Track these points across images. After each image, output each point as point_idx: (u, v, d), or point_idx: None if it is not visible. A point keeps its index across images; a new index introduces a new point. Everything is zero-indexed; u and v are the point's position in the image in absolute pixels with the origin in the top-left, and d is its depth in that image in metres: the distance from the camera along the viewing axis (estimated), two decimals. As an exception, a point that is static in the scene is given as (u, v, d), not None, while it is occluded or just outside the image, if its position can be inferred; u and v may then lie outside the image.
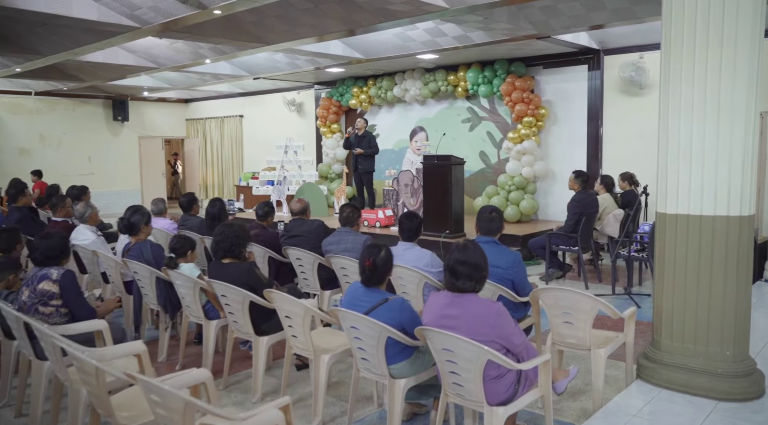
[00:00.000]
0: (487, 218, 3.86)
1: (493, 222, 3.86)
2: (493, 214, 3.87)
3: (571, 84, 9.31)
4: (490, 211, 3.90)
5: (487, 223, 3.86)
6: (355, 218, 4.77)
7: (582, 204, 6.66)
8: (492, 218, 3.86)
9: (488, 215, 3.86)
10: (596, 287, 6.77)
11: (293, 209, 5.27)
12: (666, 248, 3.64)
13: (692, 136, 3.43)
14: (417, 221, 4.26)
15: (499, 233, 3.94)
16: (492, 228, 3.87)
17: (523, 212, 9.28)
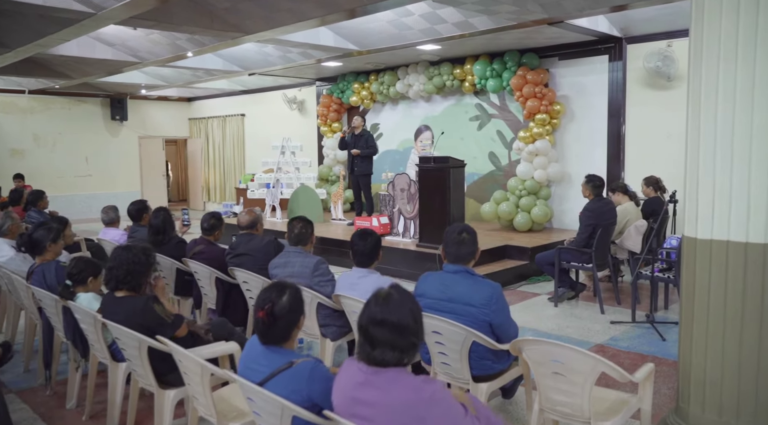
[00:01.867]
0: (455, 240, 2.97)
1: (463, 246, 2.96)
2: (463, 235, 2.98)
3: (590, 77, 8.31)
4: (460, 231, 3.01)
5: (455, 247, 2.97)
6: (307, 236, 3.90)
7: (596, 214, 5.69)
8: (462, 241, 2.96)
9: (457, 237, 2.97)
10: (614, 311, 5.79)
11: (240, 222, 4.43)
12: (696, 286, 2.70)
13: (733, 137, 2.49)
14: (372, 241, 3.38)
15: (473, 260, 3.04)
16: (462, 254, 2.98)
17: (535, 220, 8.30)
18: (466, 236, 2.97)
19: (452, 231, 3.00)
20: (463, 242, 2.96)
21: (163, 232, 4.81)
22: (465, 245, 2.96)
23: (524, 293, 6.58)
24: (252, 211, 4.44)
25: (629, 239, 5.99)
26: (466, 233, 2.98)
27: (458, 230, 3.00)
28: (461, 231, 2.98)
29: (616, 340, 4.96)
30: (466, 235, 2.97)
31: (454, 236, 2.97)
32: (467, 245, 2.97)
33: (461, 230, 2.99)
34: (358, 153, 9.22)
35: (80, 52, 8.83)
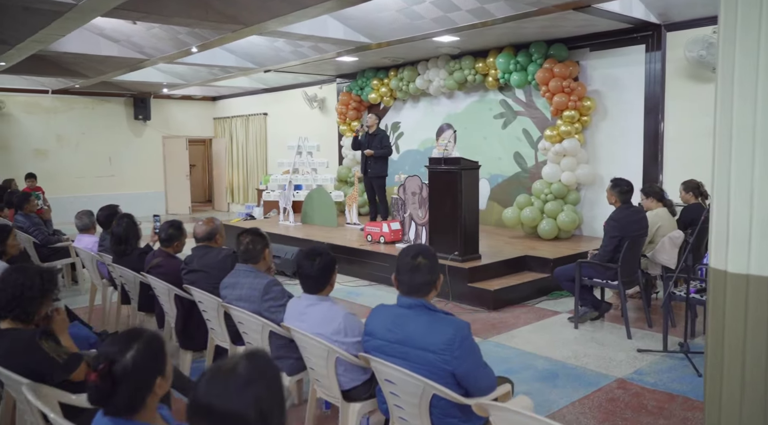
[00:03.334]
0: (408, 266, 2.34)
1: (417, 273, 2.34)
2: (418, 260, 2.35)
3: (625, 69, 7.50)
4: (415, 254, 2.38)
5: (408, 275, 2.34)
6: (257, 252, 3.32)
7: (623, 224, 4.94)
8: (417, 267, 2.34)
9: (410, 262, 2.34)
10: (643, 335, 5.03)
11: (196, 233, 3.90)
12: (727, 332, 2.02)
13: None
14: (321, 263, 2.78)
15: (433, 291, 2.41)
16: (417, 283, 2.35)
17: (561, 227, 7.55)
18: (422, 261, 2.33)
19: (405, 254, 2.37)
20: (418, 268, 2.33)
21: (126, 241, 4.35)
22: (420, 272, 2.33)
23: (542, 310, 5.87)
24: (211, 220, 3.91)
25: (663, 253, 5.21)
26: (423, 257, 2.34)
27: (413, 252, 2.36)
28: (416, 254, 2.35)
29: (642, 374, 4.22)
30: (422, 260, 2.33)
31: (407, 261, 2.34)
32: (423, 272, 2.33)
33: (416, 253, 2.36)
34: (371, 154, 8.65)
35: (85, 48, 8.54)
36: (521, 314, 5.75)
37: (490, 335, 5.14)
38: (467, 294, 6.12)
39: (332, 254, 2.89)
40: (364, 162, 8.81)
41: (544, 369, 4.35)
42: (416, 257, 2.33)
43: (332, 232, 8.83)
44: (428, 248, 2.41)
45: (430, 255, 2.36)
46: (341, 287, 6.92)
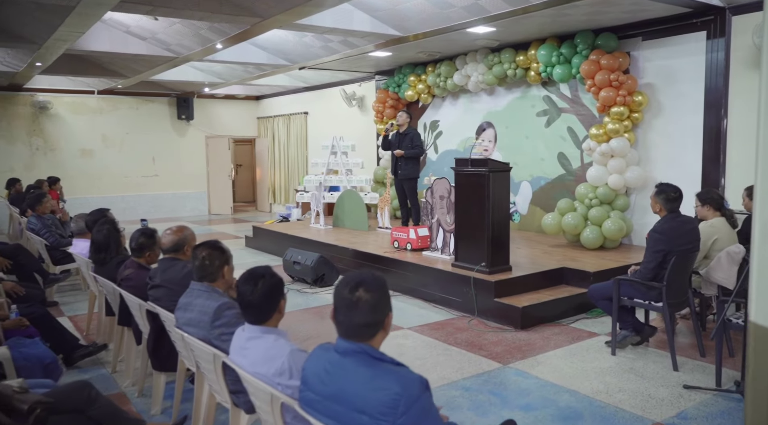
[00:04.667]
0: (346, 301, 1.80)
1: (356, 311, 1.79)
2: (358, 294, 1.80)
3: (682, 59, 6.69)
4: (355, 285, 1.82)
5: (345, 312, 1.80)
6: (214, 268, 2.86)
7: (669, 237, 4.23)
8: (356, 303, 1.80)
9: (348, 296, 1.80)
10: (693, 367, 4.31)
11: (162, 242, 3.48)
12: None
13: None
14: (264, 287, 2.28)
15: (379, 334, 1.86)
16: (356, 323, 1.80)
17: (607, 235, 6.81)
18: (362, 295, 1.80)
19: (343, 286, 1.84)
20: (357, 305, 1.80)
21: (106, 249, 4.01)
22: (359, 310, 1.80)
23: (577, 331, 5.19)
24: (181, 228, 3.49)
25: (719, 270, 4.46)
26: (365, 290, 1.81)
27: (351, 284, 1.82)
28: (355, 287, 1.81)
29: (687, 418, 3.54)
30: (363, 294, 1.80)
31: (344, 295, 1.81)
32: (363, 310, 1.80)
33: (356, 285, 1.81)
34: (401, 154, 8.13)
35: (113, 47, 8.43)
36: (552, 335, 5.10)
37: (513, 360, 4.53)
38: (493, 310, 5.51)
39: (278, 276, 2.40)
40: (394, 163, 8.31)
41: (567, 406, 3.72)
42: (355, 291, 1.80)
43: (360, 237, 8.37)
44: (373, 278, 1.85)
45: (375, 288, 1.82)
46: (360, 298, 6.44)
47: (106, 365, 4.50)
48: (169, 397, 3.71)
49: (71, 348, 4.36)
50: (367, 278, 1.84)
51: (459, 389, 4.00)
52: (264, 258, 8.91)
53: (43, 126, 13.00)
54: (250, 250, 9.72)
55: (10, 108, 12.65)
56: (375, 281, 1.83)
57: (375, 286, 1.82)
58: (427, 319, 5.64)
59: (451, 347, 4.84)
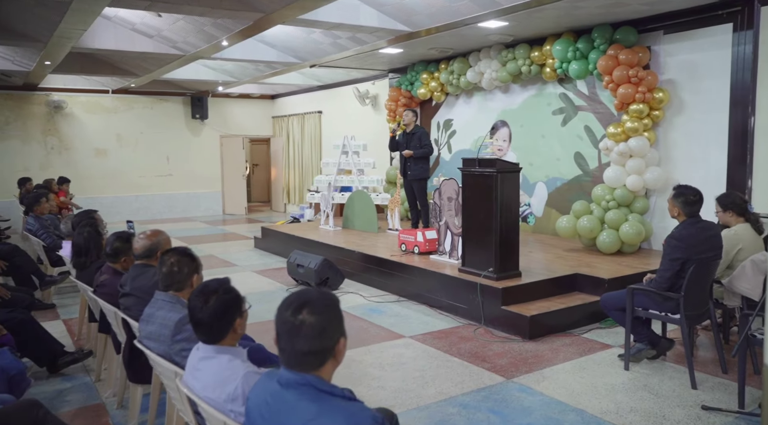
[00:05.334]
0: (288, 326, 1.55)
1: (299, 337, 1.53)
2: (302, 316, 1.55)
3: (707, 53, 6.31)
4: (297, 308, 1.56)
5: (287, 338, 1.53)
6: (182, 277, 2.64)
7: (687, 245, 3.90)
8: (299, 327, 1.55)
9: (291, 321, 1.55)
10: (714, 385, 3.98)
11: (135, 248, 3.27)
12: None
13: None
14: (217, 304, 2.05)
15: (329, 362, 1.58)
16: (299, 352, 1.55)
17: (625, 239, 6.46)
18: (307, 318, 1.54)
19: (285, 307, 1.58)
20: (302, 328, 1.54)
21: (86, 253, 3.83)
22: (303, 336, 1.54)
23: (589, 343, 4.88)
24: (155, 233, 3.28)
25: (743, 280, 4.11)
26: (309, 312, 1.55)
27: (295, 304, 1.57)
28: (299, 308, 1.55)
29: (703, 444, 3.22)
30: (307, 316, 1.54)
31: (286, 318, 1.56)
32: (308, 336, 1.53)
33: (300, 306, 1.56)
34: (410, 154, 7.86)
35: (119, 45, 8.32)
36: (562, 346, 4.80)
37: (517, 373, 4.24)
38: (500, 319, 5.22)
39: (235, 291, 2.16)
40: (403, 164, 8.05)
41: (572, 427, 3.43)
42: (298, 313, 1.54)
43: (369, 239, 8.13)
44: (321, 297, 1.60)
45: (322, 308, 1.56)
46: (363, 303, 6.21)
47: (92, 372, 4.32)
48: (147, 410, 3.51)
49: (55, 356, 4.19)
50: (314, 297, 1.58)
51: (456, 406, 3.73)
52: (272, 260, 8.72)
53: (58, 125, 13.02)
54: (258, 251, 9.55)
55: (26, 108, 12.68)
56: (322, 301, 1.58)
57: (322, 307, 1.57)
58: (431, 327, 5.37)
59: (452, 358, 4.57)
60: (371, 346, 4.87)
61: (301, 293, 1.60)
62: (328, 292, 1.63)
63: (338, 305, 1.61)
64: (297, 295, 1.60)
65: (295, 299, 1.58)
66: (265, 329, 5.42)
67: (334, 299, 1.62)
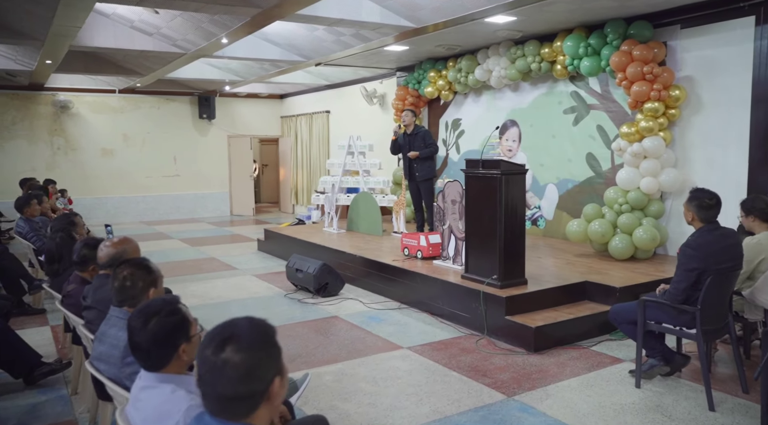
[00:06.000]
0: (209, 365, 1.27)
1: (223, 379, 1.26)
2: (225, 354, 1.28)
3: (727, 48, 5.96)
4: (220, 343, 1.30)
5: (210, 379, 1.25)
6: (139, 291, 2.39)
7: (704, 254, 3.59)
8: (222, 367, 1.28)
9: (212, 359, 1.28)
10: (733, 406, 3.66)
11: (99, 257, 3.03)
12: None
13: None
14: (158, 327, 1.80)
15: (262, 407, 1.31)
16: (224, 395, 1.27)
17: (639, 245, 6.13)
18: (233, 356, 1.28)
19: (207, 342, 1.32)
20: (225, 369, 1.27)
21: (59, 260, 3.61)
22: (227, 377, 1.28)
23: (599, 356, 4.57)
24: (122, 240, 3.04)
25: (765, 292, 3.79)
26: (236, 347, 1.29)
27: (217, 338, 1.32)
28: (223, 342, 1.30)
29: (721, 476, 2.92)
30: (233, 353, 1.28)
31: (206, 356, 1.30)
32: (233, 377, 1.26)
33: (223, 341, 1.30)
34: (416, 155, 7.59)
35: (119, 43, 8.16)
36: (569, 360, 4.50)
37: (519, 390, 3.96)
38: (504, 329, 4.94)
39: (181, 312, 1.90)
40: (408, 166, 7.77)
41: (576, 454, 3.14)
42: (220, 350, 1.28)
43: (372, 242, 7.87)
44: (251, 329, 1.34)
45: (250, 344, 1.29)
46: (363, 310, 5.95)
47: (70, 384, 4.11)
48: None
49: (31, 367, 3.99)
50: (242, 330, 1.32)
51: (451, 427, 3.46)
52: (274, 263, 8.50)
53: (64, 125, 12.93)
54: (261, 254, 9.34)
55: (32, 108, 12.60)
56: (251, 334, 1.32)
57: (250, 341, 1.31)
58: (431, 337, 5.10)
59: (451, 372, 4.29)
60: (366, 358, 4.61)
61: (226, 325, 1.35)
62: (261, 322, 1.38)
63: (272, 338, 1.36)
64: (221, 328, 1.34)
65: (218, 333, 1.32)
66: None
67: (268, 331, 1.37)
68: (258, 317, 1.40)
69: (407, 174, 7.80)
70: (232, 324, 1.35)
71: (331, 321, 5.62)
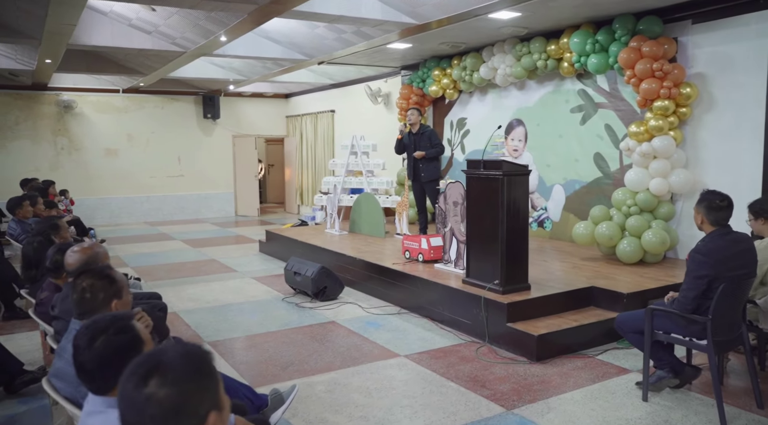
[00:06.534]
0: (129, 400, 1.08)
1: (145, 417, 1.08)
2: (148, 388, 1.09)
3: (741, 44, 5.73)
4: (144, 375, 1.12)
5: (132, 418, 1.11)
6: (99, 304, 2.22)
7: (714, 259, 3.37)
8: (145, 404, 1.10)
9: (134, 394, 1.07)
10: (747, 422, 3.45)
11: (67, 264, 2.87)
12: None
13: None
14: (106, 345, 1.63)
15: None
16: None
17: (648, 248, 5.91)
18: (158, 390, 1.09)
19: (129, 375, 1.14)
20: (148, 405, 1.09)
21: (37, 266, 3.46)
22: (150, 415, 1.10)
23: (604, 366, 4.37)
24: (91, 246, 2.88)
25: (781, 301, 3.58)
26: (161, 380, 1.11)
27: (141, 370, 1.13)
28: (147, 374, 1.12)
29: (733, 501, 2.71)
30: (158, 387, 1.09)
31: (128, 390, 1.11)
32: (156, 415, 1.09)
33: (148, 372, 1.12)
34: (422, 155, 7.40)
35: (117, 41, 8.04)
36: (573, 370, 4.29)
37: (519, 402, 3.76)
38: (505, 337, 4.74)
39: (132, 331, 1.72)
40: (413, 166, 7.58)
41: (576, 475, 2.95)
42: (143, 384, 1.11)
43: (374, 244, 7.70)
44: (180, 356, 1.16)
45: (179, 376, 1.12)
46: (361, 315, 5.78)
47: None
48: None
49: (12, 375, 3.85)
50: (169, 359, 1.15)
51: (445, 443, 3.27)
52: (274, 265, 8.34)
53: (68, 125, 12.85)
54: (262, 256, 9.19)
55: (36, 107, 12.54)
56: (180, 364, 1.14)
57: (179, 373, 1.13)
58: (430, 344, 4.91)
59: (449, 382, 4.11)
60: (361, 366, 4.43)
61: (152, 354, 1.17)
62: (194, 349, 1.20)
63: (206, 367, 1.18)
64: (145, 358, 1.16)
65: (141, 364, 1.15)
66: (251, 344, 5.04)
67: (202, 359, 1.19)
68: (192, 343, 1.23)
69: (411, 174, 7.61)
70: (159, 353, 1.18)
71: (328, 327, 5.44)
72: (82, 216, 10.49)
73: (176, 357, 1.16)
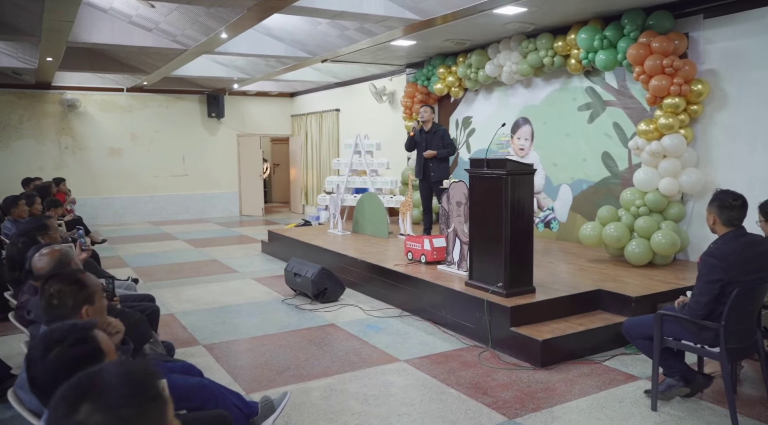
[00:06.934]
0: None
1: None
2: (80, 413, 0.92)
3: (754, 39, 5.54)
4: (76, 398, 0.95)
5: None
6: (69, 310, 2.09)
7: (728, 263, 3.21)
8: None
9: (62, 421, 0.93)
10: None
11: (35, 267, 2.73)
12: None
13: None
14: (59, 357, 1.45)
15: None
16: None
17: (657, 250, 5.73)
18: (89, 418, 0.92)
19: (59, 398, 0.98)
20: None
21: (21, 267, 3.34)
22: None
23: (612, 373, 4.20)
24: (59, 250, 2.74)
25: (798, 306, 3.40)
26: (93, 406, 0.91)
27: (72, 395, 0.95)
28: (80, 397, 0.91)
29: None
30: (90, 414, 0.91)
31: (57, 419, 0.96)
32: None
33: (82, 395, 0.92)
34: (433, 155, 7.25)
35: (117, 39, 7.95)
36: (579, 377, 4.13)
37: (522, 411, 3.61)
38: (509, 341, 4.58)
39: (92, 342, 1.58)
40: (422, 165, 7.41)
41: (581, 490, 2.79)
42: (74, 411, 0.96)
43: (377, 245, 7.55)
44: (119, 377, 1.00)
45: (118, 399, 0.96)
46: (362, 317, 5.63)
47: (41, 398, 3.85)
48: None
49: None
50: (105, 381, 1.01)
51: (444, 454, 3.12)
52: (276, 266, 8.21)
53: (72, 124, 12.80)
54: (264, 256, 9.07)
55: (40, 106, 12.49)
56: (119, 387, 1.00)
57: (115, 397, 0.99)
58: (431, 349, 4.76)
59: (449, 389, 3.96)
60: (359, 372, 4.29)
61: (87, 376, 1.03)
62: (136, 369, 1.06)
63: (151, 390, 1.04)
64: (78, 380, 1.03)
65: (74, 386, 1.01)
66: (247, 347, 4.92)
67: (145, 380, 1.05)
68: (135, 362, 1.09)
69: (420, 173, 7.44)
70: (95, 374, 1.04)
71: (327, 330, 5.31)
72: (85, 216, 10.42)
73: (113, 378, 1.02)
